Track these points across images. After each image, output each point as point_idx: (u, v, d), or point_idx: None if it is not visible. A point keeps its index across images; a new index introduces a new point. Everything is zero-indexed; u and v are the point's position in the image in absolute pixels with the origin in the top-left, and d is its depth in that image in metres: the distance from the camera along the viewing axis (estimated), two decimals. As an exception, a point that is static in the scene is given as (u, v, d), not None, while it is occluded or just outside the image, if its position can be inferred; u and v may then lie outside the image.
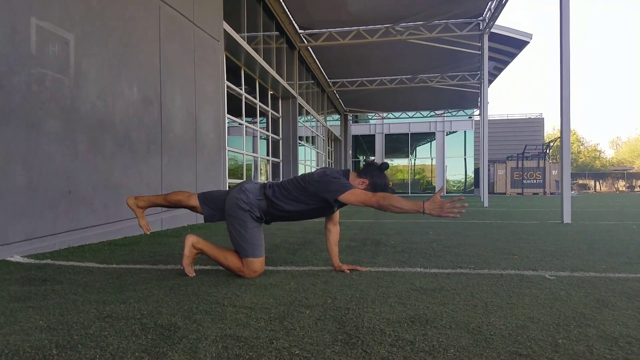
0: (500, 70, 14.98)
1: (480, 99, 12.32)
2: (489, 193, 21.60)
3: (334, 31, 10.96)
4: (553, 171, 22.96)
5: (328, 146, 17.81)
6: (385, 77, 15.69)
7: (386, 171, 2.19)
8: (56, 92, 3.03)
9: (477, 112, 21.35)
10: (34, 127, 2.85)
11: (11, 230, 2.70)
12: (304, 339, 1.28)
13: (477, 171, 23.50)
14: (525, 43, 12.61)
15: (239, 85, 7.81)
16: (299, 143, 11.26)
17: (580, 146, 49.95)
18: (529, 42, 12.45)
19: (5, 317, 1.49)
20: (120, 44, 3.75)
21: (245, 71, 8.03)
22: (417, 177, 25.07)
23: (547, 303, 1.67)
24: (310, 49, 12.13)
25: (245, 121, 8.06)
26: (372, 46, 11.82)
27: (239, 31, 7.08)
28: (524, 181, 23.46)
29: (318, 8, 9.61)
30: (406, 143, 24.18)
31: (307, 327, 1.39)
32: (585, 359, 1.14)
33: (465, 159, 24.42)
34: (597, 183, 35.75)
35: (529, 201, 13.70)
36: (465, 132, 23.85)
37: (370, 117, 24.29)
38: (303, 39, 11.20)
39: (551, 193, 22.63)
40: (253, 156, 9.08)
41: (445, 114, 22.96)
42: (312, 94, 14.01)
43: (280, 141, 10.63)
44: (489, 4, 9.71)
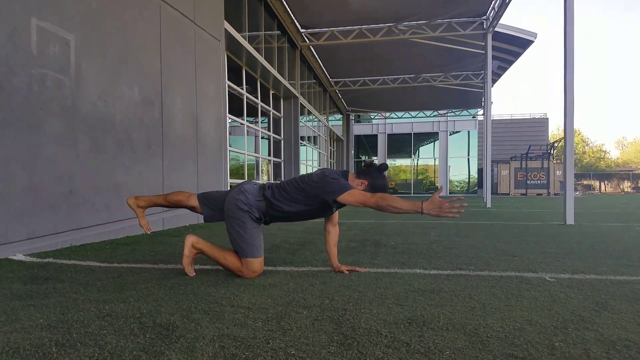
0: (504, 69, 14.90)
1: (483, 99, 12.28)
2: (493, 194, 21.56)
3: (336, 30, 10.94)
4: (557, 172, 22.83)
5: (330, 146, 17.80)
6: (387, 77, 15.64)
7: (389, 171, 2.19)
8: (57, 93, 3.05)
9: (481, 112, 21.26)
10: (35, 128, 2.87)
11: (14, 229, 2.72)
12: (300, 339, 1.28)
13: (481, 171, 23.42)
14: (529, 42, 12.53)
15: (240, 85, 7.82)
16: (301, 143, 11.26)
17: (585, 146, 49.67)
18: (534, 42, 12.38)
19: (7, 315, 1.51)
20: (121, 44, 3.77)
21: (246, 71, 8.04)
22: (420, 178, 24.98)
23: (546, 305, 1.66)
24: (312, 48, 12.11)
25: (246, 121, 8.07)
26: (375, 45, 11.79)
27: (240, 30, 7.09)
28: (528, 182, 23.35)
29: (320, 7, 9.60)
30: (409, 143, 24.09)
31: (304, 328, 1.39)
32: (581, 362, 1.14)
33: (468, 159, 24.31)
34: (602, 184, 35.53)
35: (533, 202, 13.65)
36: (468, 132, 23.73)
37: (372, 117, 24.22)
38: (305, 38, 11.19)
39: (555, 194, 22.50)
40: (255, 156, 9.10)
41: (448, 114, 22.86)
42: (314, 94, 14.01)
43: (281, 141, 10.63)
44: (493, 3, 9.67)
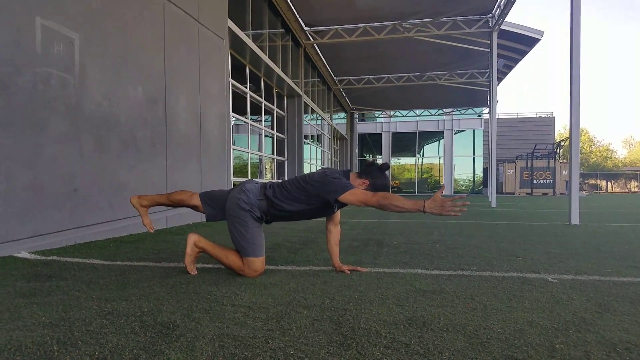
0: (510, 68, 14.78)
1: (489, 97, 12.20)
2: (498, 193, 21.43)
3: (341, 28, 10.91)
4: (563, 171, 22.63)
5: (334, 145, 17.77)
6: (392, 75, 15.57)
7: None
8: (61, 92, 3.07)
9: (487, 111, 21.14)
10: (40, 127, 2.89)
11: (19, 227, 2.75)
12: (300, 339, 1.29)
13: (486, 170, 23.30)
14: (536, 40, 12.41)
15: (244, 83, 7.82)
16: (305, 142, 11.26)
17: (592, 146, 49.18)
18: (540, 40, 12.26)
19: (10, 313, 1.53)
20: (124, 43, 3.78)
21: (250, 69, 8.04)
22: (425, 177, 24.90)
23: (548, 307, 1.65)
24: (316, 47, 12.09)
25: (250, 120, 8.08)
26: (379, 43, 11.74)
27: (244, 29, 7.09)
28: (534, 181, 23.17)
29: (324, 5, 9.58)
30: (414, 142, 23.99)
31: (304, 328, 1.39)
32: (581, 365, 1.13)
33: (473, 158, 24.19)
34: (609, 183, 35.20)
35: (538, 201, 13.55)
36: (474, 131, 23.60)
37: (377, 115, 24.15)
38: (309, 37, 11.17)
39: (561, 193, 22.32)
40: (258, 155, 9.11)
41: (453, 112, 22.75)
42: (318, 92, 13.99)
43: (285, 140, 10.64)
44: (499, 1, 9.59)
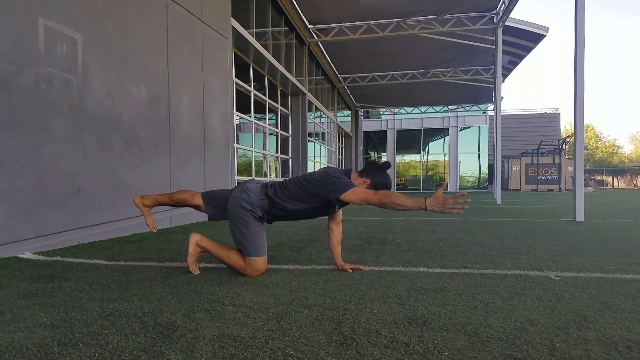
0: (515, 64, 14.65)
1: (494, 94, 12.11)
2: (503, 189, 21.29)
3: (344, 26, 10.86)
4: (569, 167, 22.44)
5: (338, 142, 17.75)
6: (397, 72, 15.50)
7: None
8: (64, 92, 3.08)
9: (492, 107, 20.98)
10: (43, 126, 2.91)
11: (22, 227, 2.77)
12: (300, 340, 1.29)
13: (491, 167, 23.15)
14: (541, 37, 12.28)
15: (248, 82, 7.83)
16: (309, 140, 11.26)
17: (597, 142, 48.73)
18: (545, 36, 12.13)
19: (12, 314, 1.54)
20: (127, 43, 3.79)
21: (254, 68, 8.05)
22: (430, 174, 24.80)
23: (549, 305, 1.64)
24: (320, 45, 12.06)
25: (254, 118, 8.09)
26: (383, 41, 11.69)
27: (248, 27, 7.09)
28: (539, 177, 23.01)
29: (328, 3, 9.54)
30: (418, 139, 23.89)
31: (304, 327, 1.39)
32: (582, 365, 1.12)
33: (479, 155, 24.06)
34: (615, 179, 34.85)
35: (543, 198, 13.45)
36: (479, 128, 23.47)
37: (381, 113, 24.07)
38: (313, 34, 11.14)
39: (567, 189, 22.14)
40: (262, 153, 9.12)
41: (458, 109, 22.61)
42: (322, 90, 13.96)
43: (289, 138, 10.64)
44: (503, -3, 9.51)
